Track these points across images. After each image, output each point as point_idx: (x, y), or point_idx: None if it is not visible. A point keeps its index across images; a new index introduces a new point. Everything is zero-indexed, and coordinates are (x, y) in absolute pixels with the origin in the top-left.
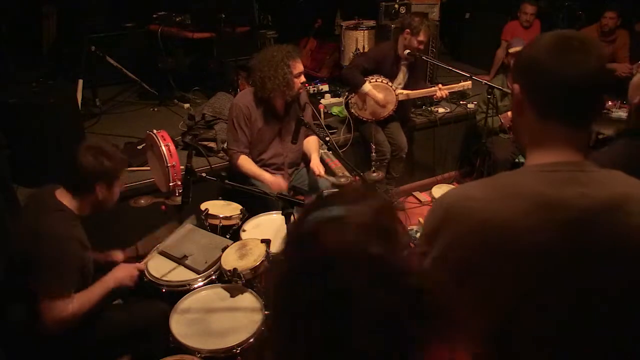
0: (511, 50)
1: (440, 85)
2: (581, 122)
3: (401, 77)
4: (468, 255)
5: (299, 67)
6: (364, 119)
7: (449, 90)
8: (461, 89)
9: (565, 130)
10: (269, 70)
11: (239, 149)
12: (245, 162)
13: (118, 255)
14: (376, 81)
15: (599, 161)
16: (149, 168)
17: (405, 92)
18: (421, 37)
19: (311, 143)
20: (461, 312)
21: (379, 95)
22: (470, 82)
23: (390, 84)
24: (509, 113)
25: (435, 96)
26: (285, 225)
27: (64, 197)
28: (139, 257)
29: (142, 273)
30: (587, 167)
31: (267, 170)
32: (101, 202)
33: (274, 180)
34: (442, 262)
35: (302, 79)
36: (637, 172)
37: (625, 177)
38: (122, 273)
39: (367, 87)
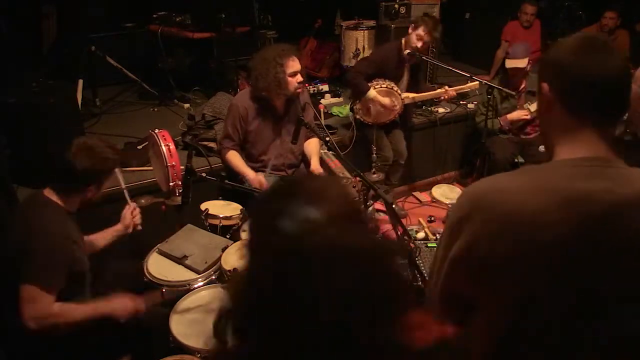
0: (508, 66)
1: (446, 87)
2: (609, 118)
3: (405, 80)
4: (494, 246)
5: (293, 65)
6: (369, 122)
7: (458, 91)
8: (468, 89)
9: (594, 126)
10: (261, 68)
11: (228, 145)
12: (233, 158)
13: (124, 221)
14: (380, 86)
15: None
16: (150, 168)
17: (411, 95)
18: (420, 31)
19: (312, 145)
20: (482, 303)
21: (385, 100)
22: (477, 82)
23: (395, 87)
24: (509, 116)
25: (443, 98)
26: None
27: (52, 195)
28: (164, 302)
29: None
30: (614, 163)
31: (267, 171)
32: (90, 198)
33: (254, 177)
34: (467, 253)
35: (299, 78)
36: None
37: None
38: (120, 306)
39: (371, 93)
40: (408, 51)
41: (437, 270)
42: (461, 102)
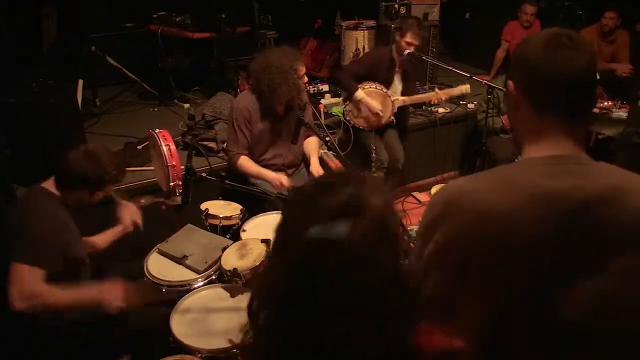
0: None
1: (437, 90)
2: (576, 115)
3: (396, 84)
4: (468, 246)
5: (302, 68)
6: (360, 127)
7: (447, 95)
8: (459, 93)
9: (562, 124)
10: (279, 77)
11: (239, 150)
12: (246, 162)
13: (124, 222)
14: (369, 87)
15: None
16: (152, 168)
17: (401, 98)
18: (408, 39)
19: (311, 144)
20: (458, 304)
21: (373, 102)
22: (468, 86)
23: (385, 90)
24: None
25: (432, 101)
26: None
27: (50, 186)
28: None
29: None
30: (583, 160)
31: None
32: (86, 200)
33: (275, 177)
34: (440, 254)
35: (305, 79)
36: None
37: (620, 170)
38: (110, 294)
39: (359, 94)
40: (408, 51)
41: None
42: (461, 102)
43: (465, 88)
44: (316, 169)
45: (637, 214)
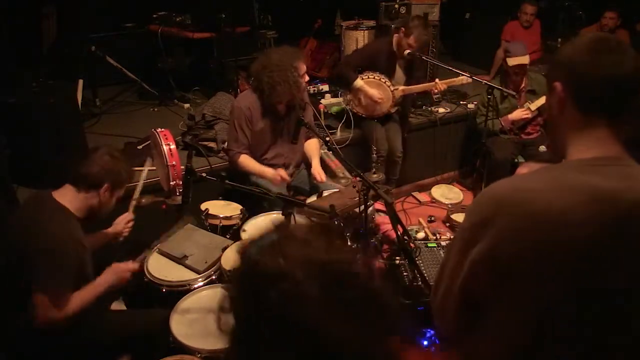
0: (512, 64)
1: (437, 80)
2: (621, 118)
3: (399, 75)
4: (521, 247)
5: (303, 67)
6: (362, 115)
7: (448, 85)
8: (459, 83)
9: (607, 126)
10: (279, 75)
11: (239, 149)
12: (247, 161)
13: (116, 227)
14: (368, 77)
15: None
16: (154, 168)
17: (401, 87)
18: (411, 41)
19: (312, 146)
20: (498, 305)
21: (372, 91)
22: (468, 77)
23: (384, 79)
24: (510, 116)
25: (433, 90)
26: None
27: (63, 198)
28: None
29: (139, 274)
30: (628, 162)
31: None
32: (99, 206)
33: (275, 174)
34: (491, 255)
35: (306, 78)
36: None
37: None
38: (113, 275)
39: (358, 82)
40: (408, 51)
41: (449, 275)
42: (461, 102)
43: (465, 79)
44: (317, 171)
45: None
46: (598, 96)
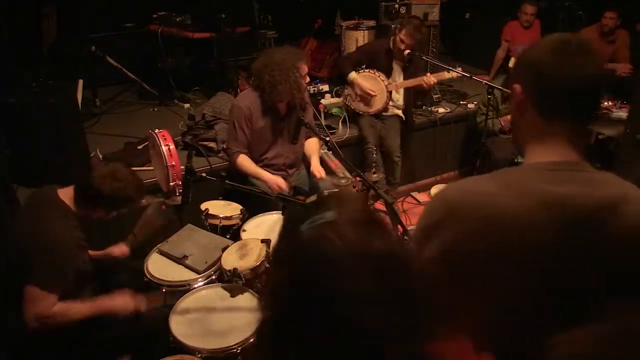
0: (512, 65)
1: (428, 74)
2: (581, 122)
3: (397, 74)
4: (472, 252)
5: (305, 68)
6: (357, 110)
7: (438, 78)
8: (450, 77)
9: (566, 129)
10: (280, 75)
11: (238, 149)
12: (244, 161)
13: (116, 250)
14: (364, 71)
15: None
16: (151, 168)
17: (394, 83)
18: (402, 36)
19: (312, 145)
20: (460, 309)
21: (365, 84)
22: (459, 69)
23: (378, 74)
24: (509, 116)
25: (424, 85)
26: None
27: (67, 197)
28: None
29: (139, 274)
30: (584, 167)
31: (267, 171)
32: (96, 217)
33: (272, 179)
34: (443, 257)
35: (307, 79)
36: None
37: (618, 178)
38: (122, 305)
39: (352, 75)
40: (408, 51)
41: None
42: (461, 102)
43: (454, 74)
44: (317, 168)
45: (633, 228)
46: (557, 100)
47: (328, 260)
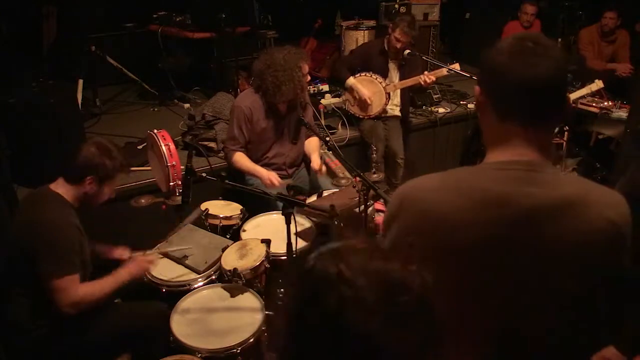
0: None
1: (426, 72)
2: (538, 122)
3: (393, 75)
4: (412, 243)
5: (306, 68)
6: (356, 115)
7: (435, 76)
8: (447, 74)
9: (522, 130)
10: (283, 75)
11: (234, 147)
12: (240, 159)
13: (122, 253)
14: (362, 76)
15: None
16: (149, 168)
17: (392, 84)
18: (397, 35)
19: (312, 144)
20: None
21: (364, 89)
22: (457, 64)
23: (375, 76)
24: None
25: (422, 83)
26: (286, 226)
27: (59, 188)
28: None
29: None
30: (541, 167)
31: (267, 170)
32: (89, 197)
33: (266, 174)
34: (393, 247)
35: (308, 78)
36: None
37: (581, 179)
38: (137, 268)
39: (350, 81)
40: (408, 51)
41: None
42: (461, 102)
43: (450, 68)
44: (317, 163)
45: (577, 233)
46: (510, 100)
47: (334, 283)
